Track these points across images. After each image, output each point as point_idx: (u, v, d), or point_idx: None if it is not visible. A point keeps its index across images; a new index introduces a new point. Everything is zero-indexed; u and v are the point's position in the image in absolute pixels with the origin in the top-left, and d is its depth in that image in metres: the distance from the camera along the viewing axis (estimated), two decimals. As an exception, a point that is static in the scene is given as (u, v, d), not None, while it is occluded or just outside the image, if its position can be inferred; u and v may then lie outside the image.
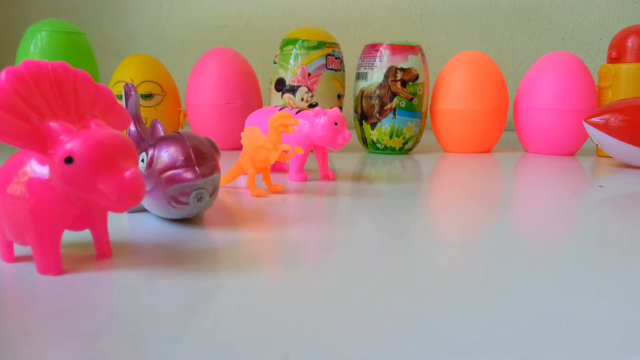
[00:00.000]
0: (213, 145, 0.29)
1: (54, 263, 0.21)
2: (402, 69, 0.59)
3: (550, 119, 0.61)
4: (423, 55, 0.61)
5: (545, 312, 0.18)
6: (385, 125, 0.60)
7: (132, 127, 0.32)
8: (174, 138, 0.27)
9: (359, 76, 0.62)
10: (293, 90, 0.61)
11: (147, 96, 0.62)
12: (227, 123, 0.61)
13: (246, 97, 0.62)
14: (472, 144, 0.63)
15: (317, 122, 0.40)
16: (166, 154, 0.27)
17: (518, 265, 0.24)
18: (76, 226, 0.22)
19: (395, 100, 0.59)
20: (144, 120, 0.33)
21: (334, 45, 0.62)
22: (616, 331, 0.17)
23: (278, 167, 0.47)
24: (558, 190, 0.42)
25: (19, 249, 0.23)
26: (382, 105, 0.60)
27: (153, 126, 0.30)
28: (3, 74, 0.19)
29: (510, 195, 0.42)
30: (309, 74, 0.61)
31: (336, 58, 0.62)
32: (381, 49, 0.60)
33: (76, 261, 0.23)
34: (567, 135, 0.61)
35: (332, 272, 0.22)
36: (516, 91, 0.66)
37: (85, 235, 0.25)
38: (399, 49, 0.59)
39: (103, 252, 0.23)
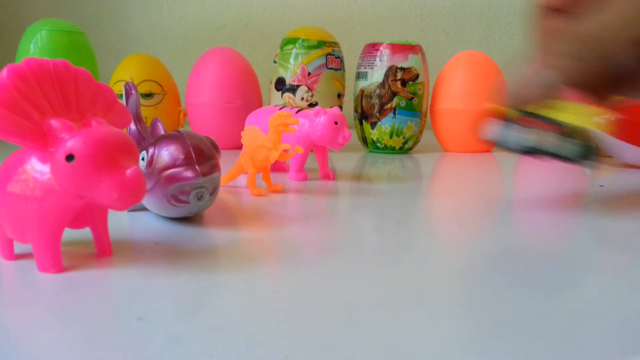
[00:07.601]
0: (213, 144, 0.29)
1: (54, 261, 0.21)
2: (402, 69, 0.59)
3: (550, 119, 0.60)
4: (423, 54, 0.61)
5: (545, 312, 0.18)
6: (386, 124, 0.60)
7: (133, 126, 0.32)
8: (174, 137, 0.27)
9: (359, 75, 0.62)
10: (293, 89, 0.61)
11: (147, 95, 0.62)
12: (227, 122, 0.61)
13: (246, 96, 0.62)
14: (472, 144, 0.63)
15: (317, 121, 0.40)
16: (166, 153, 0.27)
17: (518, 265, 0.24)
18: (76, 224, 0.22)
19: (396, 99, 0.59)
20: (144, 119, 0.33)
21: (334, 44, 0.62)
22: (616, 331, 0.17)
23: (278, 167, 0.47)
24: (558, 190, 0.42)
25: (19, 247, 0.23)
26: (382, 105, 0.60)
27: (153, 125, 0.30)
28: (4, 71, 0.19)
29: (510, 194, 0.42)
30: (309, 73, 0.61)
31: (336, 57, 0.62)
32: (381, 48, 0.60)
33: (76, 259, 0.23)
34: (567, 136, 0.61)
35: (332, 272, 0.22)
36: (516, 91, 0.65)
37: (86, 233, 0.25)
38: (399, 48, 0.59)
39: (103, 250, 0.23)
